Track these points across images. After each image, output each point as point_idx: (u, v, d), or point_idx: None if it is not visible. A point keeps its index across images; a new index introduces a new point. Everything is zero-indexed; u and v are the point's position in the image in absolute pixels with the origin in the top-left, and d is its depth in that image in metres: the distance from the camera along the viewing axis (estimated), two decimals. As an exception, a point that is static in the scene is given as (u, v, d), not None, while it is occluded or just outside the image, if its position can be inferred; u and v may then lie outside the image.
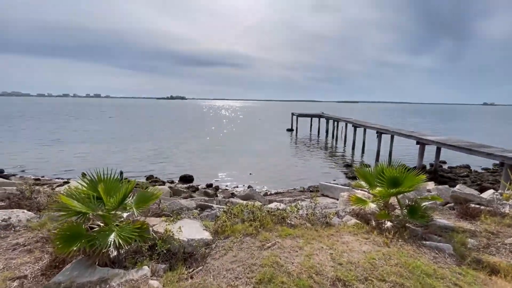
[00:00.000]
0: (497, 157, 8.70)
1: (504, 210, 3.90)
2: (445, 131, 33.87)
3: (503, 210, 3.89)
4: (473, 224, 3.60)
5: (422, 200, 3.67)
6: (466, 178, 12.75)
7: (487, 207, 4.08)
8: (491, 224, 3.51)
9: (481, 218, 3.70)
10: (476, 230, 3.39)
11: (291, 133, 30.73)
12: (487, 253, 2.87)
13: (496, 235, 3.26)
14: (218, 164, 15.40)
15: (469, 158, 14.10)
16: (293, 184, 11.90)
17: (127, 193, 2.83)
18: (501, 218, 3.64)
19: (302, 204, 4.16)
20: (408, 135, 14.12)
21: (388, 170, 3.70)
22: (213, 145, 21.66)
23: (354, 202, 3.81)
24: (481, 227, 3.47)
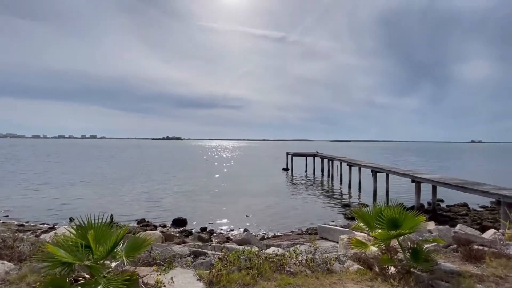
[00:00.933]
0: (493, 195, 8.71)
1: (509, 251, 3.79)
2: (438, 169, 34.29)
3: (508, 252, 3.77)
4: (479, 267, 3.46)
5: (424, 242, 3.56)
6: (466, 217, 12.54)
7: (490, 248, 3.96)
8: (498, 268, 3.37)
9: (486, 260, 3.57)
10: (483, 274, 3.24)
11: (286, 173, 30.65)
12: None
13: (504, 279, 3.11)
14: (213, 206, 14.97)
15: (465, 196, 14.08)
16: (290, 226, 11.48)
17: (118, 241, 2.69)
18: (507, 261, 3.52)
19: (301, 249, 3.99)
20: (403, 174, 14.21)
21: (386, 211, 3.66)
22: (208, 186, 21.31)
23: (354, 246, 3.67)
24: (488, 271, 3.32)
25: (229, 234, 10.36)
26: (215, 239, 9.58)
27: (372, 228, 3.73)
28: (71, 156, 55.83)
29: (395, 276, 3.09)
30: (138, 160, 47.87)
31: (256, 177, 27.20)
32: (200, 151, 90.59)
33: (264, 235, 10.12)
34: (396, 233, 3.38)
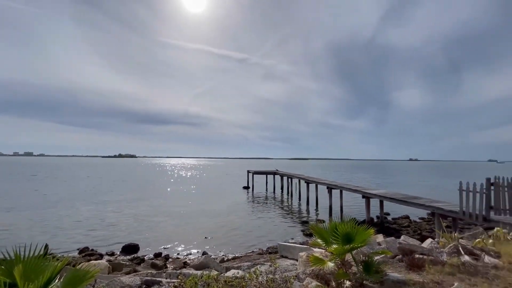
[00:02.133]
0: (428, 207, 9.84)
1: (443, 258, 4.26)
2: (383, 184, 37.76)
3: (442, 259, 4.23)
4: (421, 275, 3.80)
5: (374, 255, 3.81)
6: (408, 228, 13.85)
7: (429, 256, 4.40)
8: (435, 274, 3.75)
9: (426, 268, 3.95)
10: (424, 281, 3.57)
11: (247, 191, 30.54)
12: (437, 305, 2.99)
13: (441, 284, 3.47)
14: (169, 229, 14.03)
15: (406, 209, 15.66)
16: (251, 246, 11.30)
17: (54, 275, 2.32)
18: (442, 267, 3.94)
19: (262, 269, 3.92)
20: (354, 190, 15.28)
21: (341, 226, 3.85)
22: (164, 207, 20.02)
23: (313, 263, 3.75)
24: (428, 277, 3.67)
25: (186, 259, 9.73)
26: (171, 265, 8.90)
27: (329, 244, 3.87)
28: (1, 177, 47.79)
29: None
30: (83, 179, 43.02)
31: (216, 196, 26.52)
32: (157, 169, 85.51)
33: (224, 257, 9.75)
34: (350, 247, 3.56)
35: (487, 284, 3.42)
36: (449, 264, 4.02)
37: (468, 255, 4.32)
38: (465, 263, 4.02)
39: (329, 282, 3.64)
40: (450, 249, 4.54)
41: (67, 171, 65.67)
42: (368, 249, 4.51)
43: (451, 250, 4.50)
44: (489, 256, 4.33)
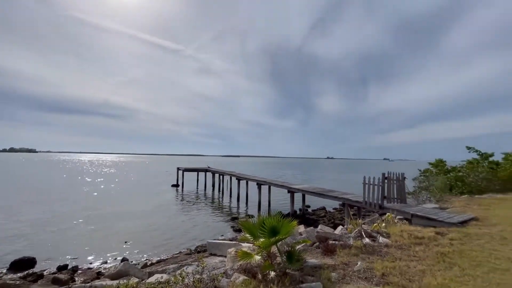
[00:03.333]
0: (340, 199, 11.38)
1: (350, 242, 4.97)
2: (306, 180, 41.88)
3: (349, 242, 4.94)
4: (333, 258, 4.34)
5: (296, 244, 4.14)
6: (324, 218, 15.72)
7: (339, 241, 5.07)
8: (344, 256, 4.34)
9: (337, 252, 4.53)
10: (335, 263, 4.08)
11: (176, 189, 29.05)
12: (345, 283, 3.46)
13: (348, 265, 4.03)
14: (80, 235, 12.08)
15: (324, 201, 17.79)
16: (179, 246, 10.77)
17: None
18: (349, 250, 4.60)
19: (188, 270, 3.76)
20: (281, 185, 16.39)
21: (268, 220, 4.04)
22: (75, 211, 17.11)
23: (241, 257, 3.81)
24: (338, 260, 4.22)
25: (101, 268, 8.55)
26: (81, 277, 7.68)
27: (256, 238, 4.01)
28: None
29: (274, 280, 3.40)
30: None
31: (140, 196, 24.28)
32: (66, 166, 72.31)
33: (148, 262, 8.99)
34: (275, 239, 3.76)
35: (381, 260, 4.15)
36: (354, 247, 4.71)
37: (368, 237, 5.16)
38: (365, 245, 4.79)
39: (256, 275, 3.77)
40: (355, 233, 5.33)
41: None
42: (292, 240, 4.88)
43: (356, 235, 5.29)
44: (382, 237, 5.29)
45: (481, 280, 3.43)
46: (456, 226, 6.09)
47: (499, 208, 8.12)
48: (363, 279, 3.57)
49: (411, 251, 4.54)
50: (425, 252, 4.49)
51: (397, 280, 3.46)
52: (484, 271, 3.68)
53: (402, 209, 7.79)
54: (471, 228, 5.86)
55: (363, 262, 4.08)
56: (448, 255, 4.27)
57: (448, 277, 3.49)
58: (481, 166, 14.53)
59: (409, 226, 6.31)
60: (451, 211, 7.60)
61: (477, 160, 15.44)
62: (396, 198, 9.15)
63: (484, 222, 6.42)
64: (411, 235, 5.33)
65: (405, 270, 3.75)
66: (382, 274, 3.64)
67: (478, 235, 5.32)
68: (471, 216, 6.83)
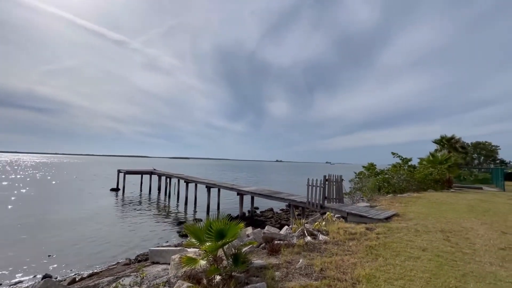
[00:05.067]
0: (287, 200, 11.92)
1: (293, 241, 5.24)
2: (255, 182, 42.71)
3: (293, 241, 5.21)
4: (277, 258, 4.51)
5: (243, 247, 4.18)
6: (271, 219, 16.24)
7: (284, 241, 5.30)
8: (288, 255, 4.55)
9: (282, 251, 4.73)
10: (279, 263, 4.25)
11: (116, 193, 26.45)
12: (287, 281, 3.62)
13: (291, 263, 4.24)
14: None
15: (271, 202, 18.38)
16: (116, 257, 9.80)
17: None
18: (293, 248, 4.84)
19: (125, 282, 3.46)
20: (230, 188, 16.37)
21: (215, 223, 3.98)
22: (-21, 221, 14.09)
23: (185, 263, 3.67)
24: (282, 259, 4.40)
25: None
26: (-16, 302, 6.34)
27: (203, 242, 3.91)
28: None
29: (219, 284, 3.36)
30: None
31: (71, 202, 21.37)
32: (-32, 168, 58.99)
33: (77, 277, 7.92)
34: (222, 242, 3.73)
35: (320, 257, 4.48)
36: (297, 245, 4.98)
37: (310, 235, 5.52)
38: (307, 243, 5.10)
39: (200, 281, 3.67)
40: (298, 232, 5.64)
41: None
42: (238, 242, 4.91)
43: (299, 234, 5.61)
44: (322, 234, 5.72)
45: (399, 267, 3.99)
46: (382, 221, 6.97)
47: (415, 205, 9.60)
48: (304, 275, 3.80)
49: (345, 246, 5.01)
50: (357, 246, 5.01)
51: (333, 273, 3.77)
52: (402, 260, 4.30)
53: (340, 208, 8.56)
54: (393, 223, 6.77)
55: (304, 259, 4.34)
56: (375, 248, 4.85)
57: (374, 267, 3.96)
58: (403, 169, 16.98)
59: (345, 223, 6.98)
60: (379, 209, 8.67)
61: (400, 164, 18.02)
62: (335, 198, 10.03)
63: (403, 217, 7.50)
64: (346, 231, 5.90)
65: (340, 264, 4.12)
66: (320, 269, 3.93)
67: (398, 229, 6.19)
68: (394, 213, 7.91)
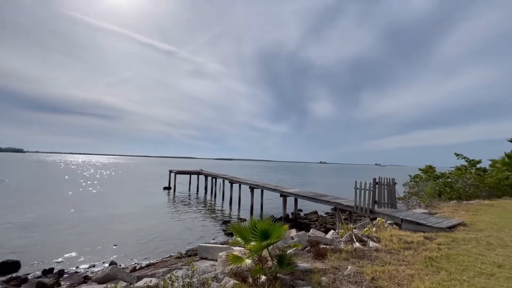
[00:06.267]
0: (332, 203, 11.45)
1: (341, 246, 5.00)
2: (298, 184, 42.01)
3: (340, 247, 4.97)
4: (324, 262, 4.35)
5: (287, 248, 4.14)
6: (316, 222, 15.77)
7: (330, 245, 5.10)
8: (335, 261, 4.36)
9: (328, 256, 4.55)
10: (326, 268, 4.09)
11: (168, 192, 28.72)
12: (335, 287, 3.47)
13: (338, 269, 4.05)
14: (67, 238, 11.79)
15: (316, 205, 17.87)
16: (169, 250, 10.62)
17: None
18: (340, 254, 4.62)
19: (178, 274, 3.71)
20: (273, 189, 16.39)
21: (259, 223, 4.03)
22: (62, 213, 16.71)
23: (231, 261, 3.78)
24: (329, 264, 4.23)
25: (88, 272, 8.36)
26: (67, 281, 7.47)
27: (248, 241, 3.99)
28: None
29: (265, 284, 3.38)
30: None
31: (131, 198, 23.90)
32: (55, 167, 70.66)
33: (137, 266, 8.82)
34: (267, 243, 3.76)
35: (371, 265, 4.19)
36: (345, 251, 4.74)
37: (359, 242, 5.20)
38: (356, 249, 4.82)
39: (246, 279, 3.74)
40: (346, 238, 5.37)
41: None
42: (283, 244, 4.88)
43: (347, 239, 5.33)
44: (373, 241, 5.34)
45: (467, 284, 3.49)
46: (444, 231, 6.20)
47: (486, 214, 8.32)
48: (353, 283, 3.59)
49: (400, 256, 4.59)
50: (414, 256, 4.55)
51: (386, 284, 3.49)
52: (470, 276, 3.75)
53: (392, 214, 7.89)
54: (458, 233, 5.97)
55: (353, 266, 4.11)
56: (436, 260, 4.34)
57: (435, 281, 3.54)
58: (469, 173, 14.88)
59: (399, 231, 6.40)
60: (440, 216, 7.74)
61: (465, 166, 15.82)
62: (387, 203, 9.27)
63: (471, 227, 6.56)
64: (400, 239, 5.40)
65: (394, 275, 3.79)
66: (371, 279, 3.67)
67: (465, 240, 5.43)
68: (459, 221, 6.97)
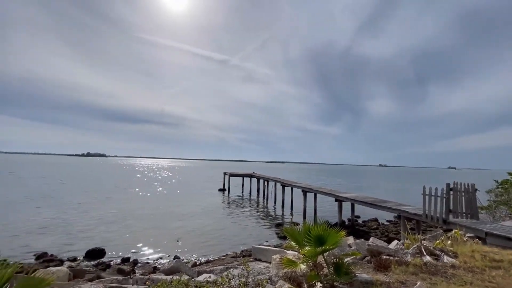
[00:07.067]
0: (395, 210, 10.39)
1: (407, 258, 4.49)
2: (355, 188, 39.33)
3: (406, 259, 4.46)
4: (387, 275, 3.97)
5: (345, 256, 3.91)
6: (377, 230, 14.51)
7: (395, 257, 4.62)
8: (400, 274, 3.94)
9: (392, 268, 4.13)
10: (390, 281, 3.72)
11: (223, 193, 30.21)
12: (401, 304, 3.13)
13: (405, 284, 3.64)
14: (139, 232, 13.41)
15: (375, 212, 16.45)
16: (225, 249, 11.14)
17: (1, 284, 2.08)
18: (406, 267, 4.15)
19: (234, 273, 3.86)
20: (328, 193, 15.72)
21: (314, 228, 3.91)
22: (135, 209, 19.13)
23: (285, 265, 3.76)
24: (393, 277, 3.84)
25: (156, 263, 9.34)
26: (140, 270, 8.49)
27: (302, 246, 3.91)
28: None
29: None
30: (44, 178, 39.80)
31: (190, 198, 25.91)
32: (129, 169, 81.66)
33: (197, 261, 9.50)
34: (322, 249, 3.62)
35: (446, 283, 3.65)
36: (412, 264, 4.24)
37: (430, 255, 4.59)
38: (426, 263, 4.27)
39: (301, 284, 3.67)
40: (413, 250, 4.80)
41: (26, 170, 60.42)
42: (339, 251, 4.63)
43: (415, 251, 4.76)
44: (448, 256, 4.65)
45: None
46: (549, 250, 5.01)
47: None
48: (423, 301, 3.19)
49: (485, 276, 3.89)
50: (504, 278, 3.79)
51: (467, 307, 2.99)
52: None
53: (474, 225, 6.74)
54: None
55: (423, 282, 3.64)
56: (538, 285, 3.53)
57: (538, 312, 2.89)
58: None
59: (483, 246, 5.42)
60: (541, 232, 6.30)
61: None
62: (465, 213, 7.96)
63: None
64: (485, 256, 4.57)
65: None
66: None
67: None
68: None
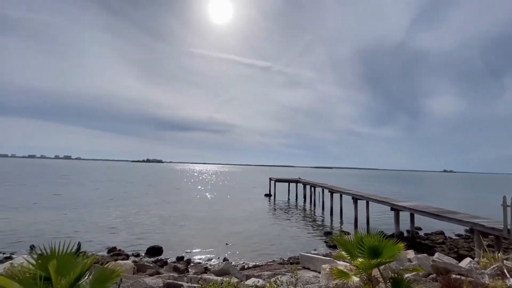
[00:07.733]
0: (466, 223, 9.02)
1: (484, 280, 3.85)
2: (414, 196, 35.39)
3: (483, 281, 3.83)
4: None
5: (405, 272, 3.54)
6: (443, 245, 12.77)
7: (467, 277, 4.01)
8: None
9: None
10: (462, 305, 3.24)
11: (269, 199, 30.30)
12: (478, 333, 2.69)
13: (482, 310, 3.12)
14: (192, 233, 14.29)
15: (441, 224, 14.50)
16: (272, 255, 11.10)
17: (84, 272, 2.42)
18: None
19: (282, 280, 3.82)
20: (382, 201, 14.50)
21: (367, 239, 3.64)
22: (188, 211, 20.48)
23: (336, 276, 3.57)
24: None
25: (207, 264, 9.80)
26: (192, 269, 9.01)
27: (354, 257, 3.67)
28: (36, 176, 52.16)
29: (378, 308, 3.00)
30: (113, 183, 45.57)
31: (238, 202, 26.62)
32: (183, 174, 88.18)
33: (245, 265, 9.67)
34: (377, 262, 3.34)
35: (540, 314, 3.01)
36: (491, 287, 3.62)
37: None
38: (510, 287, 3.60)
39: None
40: (493, 270, 4.10)
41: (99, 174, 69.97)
42: (397, 265, 4.22)
43: (494, 272, 4.06)
44: (541, 281, 3.84)
45: None
46: None
47: None
48: (509, 333, 2.68)
49: None
50: None
51: None
52: None
53: None
54: None
55: (507, 310, 3.08)
56: None
57: None
58: None
59: None
60: None
61: None
62: None
63: None
64: None
65: None
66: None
67: None
68: None
